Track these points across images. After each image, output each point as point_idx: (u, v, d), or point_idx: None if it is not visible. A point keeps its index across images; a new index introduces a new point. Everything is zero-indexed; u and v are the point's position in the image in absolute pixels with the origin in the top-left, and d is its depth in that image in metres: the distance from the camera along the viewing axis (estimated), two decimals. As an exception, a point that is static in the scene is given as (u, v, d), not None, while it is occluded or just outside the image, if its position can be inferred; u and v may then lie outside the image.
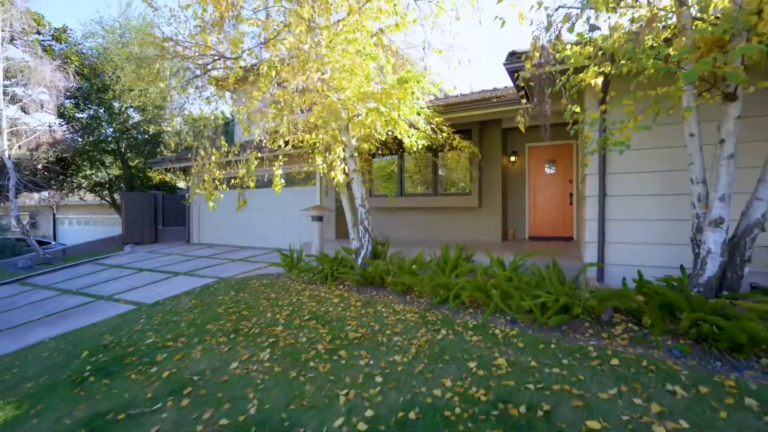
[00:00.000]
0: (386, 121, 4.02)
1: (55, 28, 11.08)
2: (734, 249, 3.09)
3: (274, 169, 5.86)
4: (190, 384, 2.78)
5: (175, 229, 12.88)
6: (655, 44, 2.96)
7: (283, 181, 5.31)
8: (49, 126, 9.13)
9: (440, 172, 8.25)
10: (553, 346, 2.87)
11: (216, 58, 4.83)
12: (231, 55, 5.41)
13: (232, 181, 5.89)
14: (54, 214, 15.96)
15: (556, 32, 3.03)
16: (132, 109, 12.23)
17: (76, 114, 11.12)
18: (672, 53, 2.71)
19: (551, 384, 2.30)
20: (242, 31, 5.15)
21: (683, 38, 2.71)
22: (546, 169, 8.22)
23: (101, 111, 11.70)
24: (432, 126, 4.95)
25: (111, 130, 11.79)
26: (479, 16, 4.65)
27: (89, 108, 11.50)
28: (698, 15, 2.96)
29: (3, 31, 8.68)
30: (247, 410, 2.36)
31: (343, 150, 4.37)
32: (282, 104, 4.44)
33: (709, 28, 2.69)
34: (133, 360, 3.36)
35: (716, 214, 3.05)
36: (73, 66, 10.14)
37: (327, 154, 5.03)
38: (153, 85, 5.04)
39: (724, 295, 3.00)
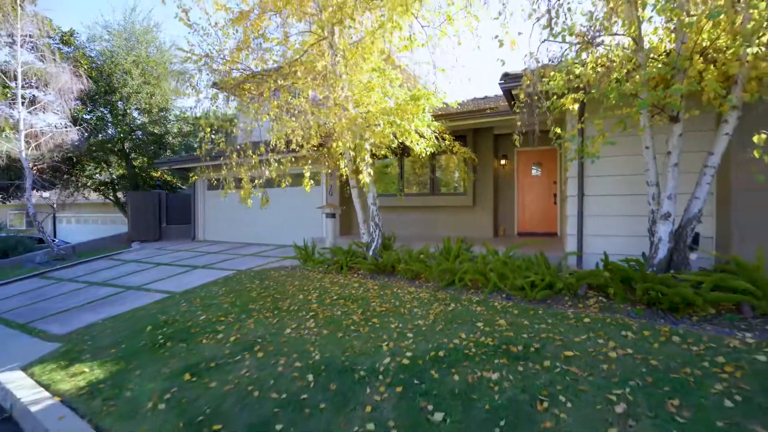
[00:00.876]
0: (401, 132, 4.82)
1: (62, 32, 11.49)
2: (679, 237, 4.00)
3: (291, 169, 6.62)
4: (257, 344, 3.53)
5: (178, 227, 13.39)
6: (619, 77, 3.83)
7: (311, 182, 6.03)
8: (66, 127, 9.59)
9: (437, 174, 9.09)
10: (540, 312, 3.72)
11: (250, 75, 5.54)
12: (256, 68, 6.14)
13: (255, 181, 6.58)
14: (54, 213, 16.19)
15: (543, 66, 3.89)
16: (137, 111, 12.70)
17: (84, 115, 11.55)
18: (630, 86, 3.58)
19: (539, 334, 3.14)
20: (271, 49, 5.89)
21: (637, 76, 3.59)
22: (533, 171, 9.15)
23: (106, 112, 12.15)
24: (436, 135, 5.78)
25: (116, 130, 12.24)
26: (478, 42, 5.49)
27: (97, 110, 11.94)
28: (651, 55, 3.86)
29: (21, 37, 9.13)
30: (313, 357, 3.13)
31: (369, 155, 5.15)
32: (310, 116, 5.18)
33: (658, 66, 3.58)
34: (197, 331, 4.07)
35: (665, 210, 3.95)
36: (83, 69, 10.60)
37: (343, 159, 5.81)
38: (193, 95, 5.67)
39: (671, 273, 3.90)
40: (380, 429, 2.18)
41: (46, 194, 14.01)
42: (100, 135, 11.95)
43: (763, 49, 3.19)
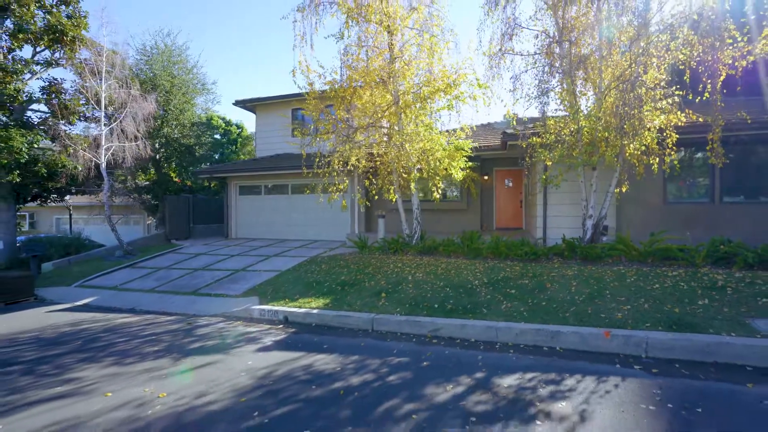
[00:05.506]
0: (450, 167, 8.70)
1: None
2: (596, 227, 8.35)
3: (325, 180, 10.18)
4: (401, 283, 7.17)
5: (204, 227, 15.97)
6: (570, 143, 8.02)
7: (340, 194, 9.62)
8: (143, 143, 11.97)
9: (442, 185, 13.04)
10: (534, 264, 7.80)
11: (361, 128, 9.03)
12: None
13: (330, 188, 9.97)
14: (71, 215, 17.36)
15: (531, 131, 8.01)
16: (172, 125, 15.04)
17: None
18: (575, 154, 7.79)
19: (537, 271, 7.19)
20: (354, 107, 9.42)
21: (577, 149, 7.81)
22: (506, 184, 13.51)
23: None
24: (462, 167, 9.75)
25: (151, 142, 14.55)
26: (489, 111, 9.54)
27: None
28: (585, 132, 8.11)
29: (104, 70, 11.47)
30: (439, 284, 6.88)
31: (437, 180, 8.96)
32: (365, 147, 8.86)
33: (586, 145, 7.84)
34: (352, 282, 7.57)
35: (589, 213, 8.27)
36: (136, 89, 12.94)
37: (413, 182, 9.53)
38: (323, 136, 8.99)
39: (592, 244, 8.20)
40: (493, 298, 6.04)
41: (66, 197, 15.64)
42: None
43: (634, 144, 7.54)
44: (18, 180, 11.11)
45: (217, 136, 29.35)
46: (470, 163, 9.56)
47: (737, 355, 3.98)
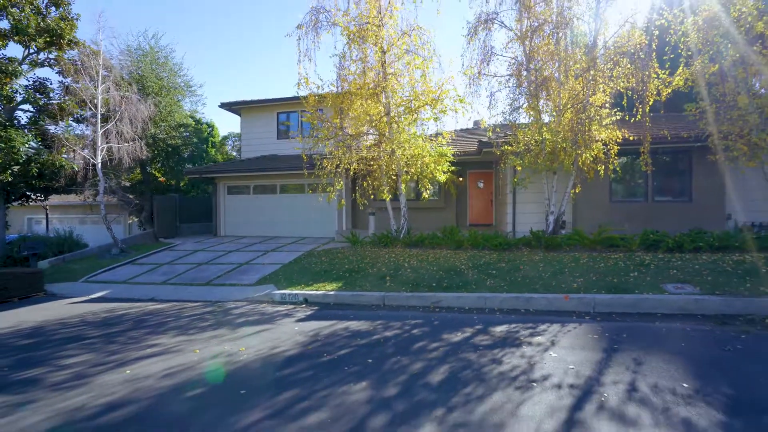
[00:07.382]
0: (435, 171, 10.31)
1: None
2: (556, 222, 10.26)
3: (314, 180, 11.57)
4: (401, 269, 8.67)
5: (190, 226, 16.69)
6: (535, 152, 9.85)
7: (334, 191, 11.08)
8: (138, 143, 12.62)
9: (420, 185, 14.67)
10: (507, 253, 9.56)
11: (355, 135, 10.42)
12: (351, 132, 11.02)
13: (329, 188, 11.32)
14: (47, 215, 17.24)
15: (503, 140, 9.77)
16: (159, 126, 15.61)
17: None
18: (540, 161, 9.64)
19: (510, 257, 8.94)
20: (347, 115, 10.82)
21: (541, 157, 9.66)
22: (478, 185, 15.37)
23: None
24: (444, 170, 11.39)
25: (144, 144, 15.13)
26: (466, 122, 11.24)
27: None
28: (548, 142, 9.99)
29: (101, 73, 12.10)
30: (433, 268, 8.44)
31: (425, 183, 10.51)
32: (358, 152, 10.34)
33: (548, 153, 9.71)
34: (357, 270, 8.97)
35: (551, 210, 10.17)
36: (129, 90, 13.53)
37: (404, 183, 11.03)
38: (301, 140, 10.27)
39: (554, 236, 10.09)
40: (478, 278, 7.68)
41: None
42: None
43: (585, 154, 9.45)
44: (10, 179, 11.52)
45: (187, 134, 29.57)
46: (453, 168, 11.24)
47: (652, 307, 5.83)
